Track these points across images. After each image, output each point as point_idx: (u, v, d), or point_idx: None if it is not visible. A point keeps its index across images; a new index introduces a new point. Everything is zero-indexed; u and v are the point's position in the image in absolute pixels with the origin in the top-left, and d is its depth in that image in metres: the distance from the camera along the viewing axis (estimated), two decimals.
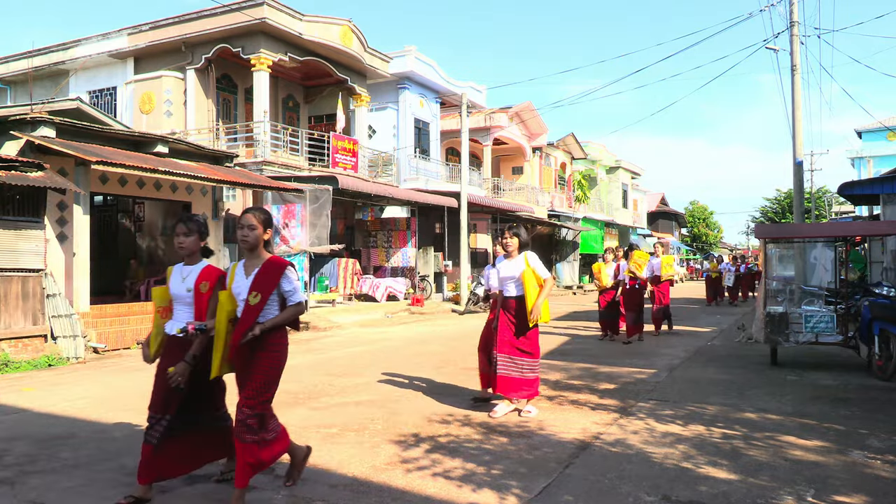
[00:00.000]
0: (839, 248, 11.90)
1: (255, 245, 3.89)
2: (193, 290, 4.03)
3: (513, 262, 6.00)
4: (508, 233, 6.02)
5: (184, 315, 4.07)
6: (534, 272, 5.88)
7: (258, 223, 3.88)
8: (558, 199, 33.29)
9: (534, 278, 5.87)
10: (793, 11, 14.95)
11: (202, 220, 4.24)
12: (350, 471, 4.45)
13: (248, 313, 3.79)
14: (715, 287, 22.21)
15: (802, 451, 4.88)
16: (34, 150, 10.48)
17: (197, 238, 4.10)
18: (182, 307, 4.09)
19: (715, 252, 47.59)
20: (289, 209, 16.02)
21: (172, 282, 4.13)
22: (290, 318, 3.90)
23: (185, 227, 4.08)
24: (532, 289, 5.84)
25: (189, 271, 4.10)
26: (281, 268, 3.86)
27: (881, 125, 29.95)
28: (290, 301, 3.87)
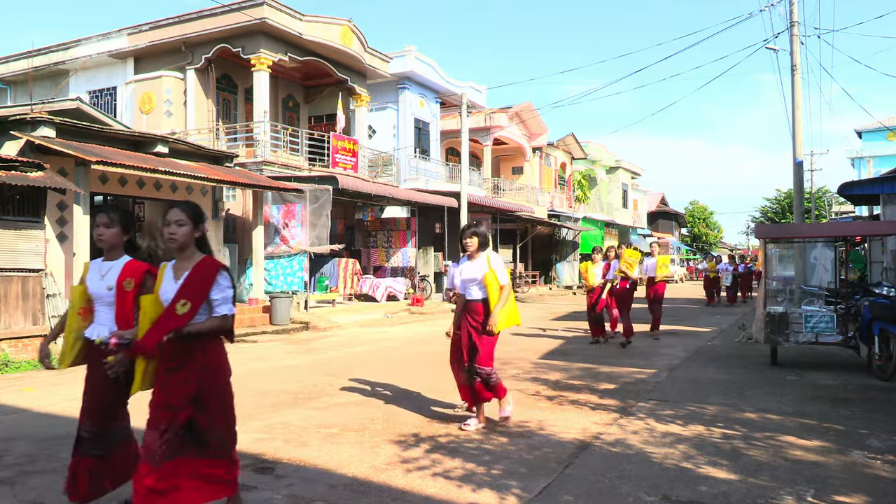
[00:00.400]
0: (839, 248, 11.90)
1: (184, 244, 3.43)
2: (115, 288, 3.61)
3: (474, 262, 5.63)
4: (468, 232, 5.63)
5: (106, 317, 3.66)
6: (494, 275, 5.50)
7: (187, 218, 3.43)
8: (558, 199, 33.29)
9: (496, 281, 5.51)
10: (793, 11, 14.95)
11: (127, 212, 3.83)
12: (350, 471, 4.45)
13: (172, 321, 3.30)
14: (713, 287, 22.20)
15: (802, 451, 4.88)
16: (34, 150, 10.48)
17: (119, 230, 3.69)
18: (103, 308, 3.67)
19: (715, 252, 47.55)
20: (289, 209, 16.03)
21: (90, 279, 3.70)
22: (208, 330, 3.44)
23: (107, 217, 3.67)
24: (496, 292, 5.50)
25: (109, 267, 3.67)
26: (213, 271, 3.42)
27: (881, 125, 29.95)
28: (215, 311, 3.44)
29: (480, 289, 5.57)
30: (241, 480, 4.26)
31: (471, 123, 24.58)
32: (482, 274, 5.52)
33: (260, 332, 13.17)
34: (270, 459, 4.73)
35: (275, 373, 8.56)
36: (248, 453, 4.88)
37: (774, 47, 15.90)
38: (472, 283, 5.61)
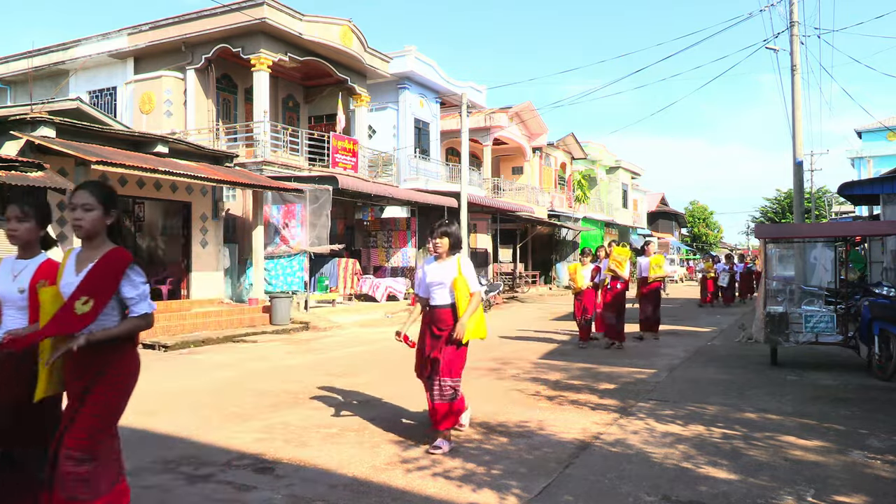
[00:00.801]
0: (839, 248, 11.90)
1: (92, 232, 2.97)
2: (27, 290, 3.18)
3: (443, 265, 5.10)
4: (438, 231, 5.09)
5: (15, 322, 3.22)
6: (465, 281, 5.00)
7: (97, 202, 2.95)
8: (558, 199, 33.29)
9: (465, 287, 4.99)
10: (793, 11, 14.95)
11: (43, 203, 3.35)
12: (350, 471, 4.45)
13: (68, 321, 2.83)
14: (709, 288, 21.63)
15: (802, 451, 4.88)
16: (34, 150, 10.49)
17: (35, 225, 3.25)
18: (13, 312, 3.24)
19: (715, 252, 47.59)
20: (289, 209, 16.02)
21: (0, 280, 3.26)
22: (127, 332, 2.99)
23: (20, 210, 3.21)
24: (464, 299, 4.98)
25: (23, 267, 3.24)
26: (122, 265, 2.94)
27: (881, 125, 29.95)
28: (132, 311, 3.00)
29: (448, 294, 5.05)
30: (241, 480, 4.28)
31: (471, 123, 24.58)
32: (451, 278, 5.02)
33: (260, 332, 13.17)
34: (270, 459, 4.73)
35: (275, 373, 8.56)
36: (248, 453, 4.89)
37: (774, 47, 15.90)
38: (438, 287, 5.08)
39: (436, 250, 5.13)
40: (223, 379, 8.11)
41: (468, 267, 5.09)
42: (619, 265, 10.62)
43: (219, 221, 15.04)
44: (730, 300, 21.70)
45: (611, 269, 10.67)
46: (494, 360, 9.45)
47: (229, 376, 8.30)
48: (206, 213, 14.73)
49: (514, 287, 26.78)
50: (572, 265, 11.06)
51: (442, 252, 5.12)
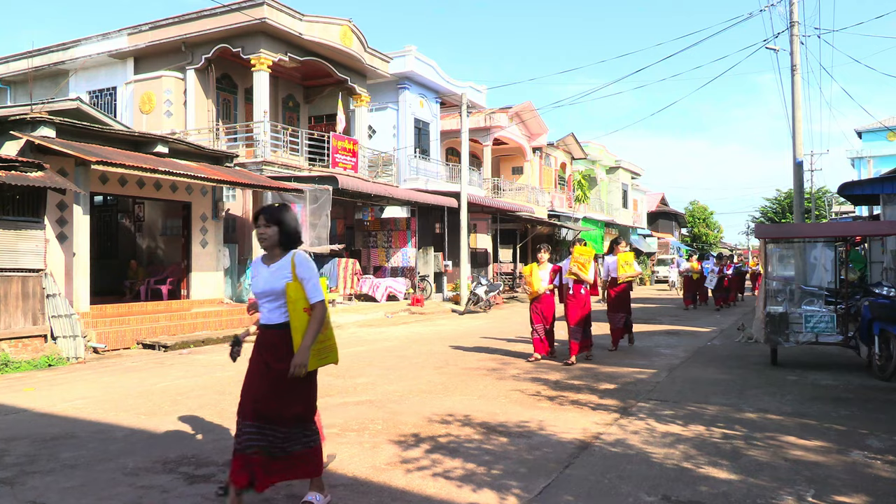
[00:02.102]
0: (839, 248, 11.90)
1: None
2: None
3: (273, 267, 3.71)
4: (262, 217, 3.72)
5: None
6: (300, 289, 3.63)
7: None
8: (558, 199, 33.29)
9: (303, 297, 3.63)
10: (793, 11, 14.95)
11: None
12: (350, 471, 4.45)
13: None
14: (694, 289, 20.01)
15: (802, 451, 4.88)
16: (34, 150, 10.48)
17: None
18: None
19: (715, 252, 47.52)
20: None
21: None
22: None
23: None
24: (301, 316, 3.62)
25: None
26: None
27: (881, 125, 29.95)
28: None
29: (279, 308, 3.70)
30: None
31: (471, 123, 24.58)
32: (282, 284, 3.64)
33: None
34: None
35: None
36: None
37: (774, 47, 15.91)
38: (267, 299, 3.71)
39: (261, 244, 3.75)
40: (223, 379, 8.11)
41: (306, 267, 3.69)
42: (581, 267, 9.09)
43: (219, 221, 15.04)
44: (720, 302, 20.24)
45: (573, 272, 9.10)
46: (495, 361, 9.45)
47: (229, 376, 8.30)
48: (206, 213, 14.73)
49: (513, 287, 26.80)
50: (527, 266, 9.53)
51: (269, 245, 3.72)
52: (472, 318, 17.04)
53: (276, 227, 3.71)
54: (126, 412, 6.28)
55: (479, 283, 19.32)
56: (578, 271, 9.08)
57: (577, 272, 9.07)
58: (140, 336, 11.44)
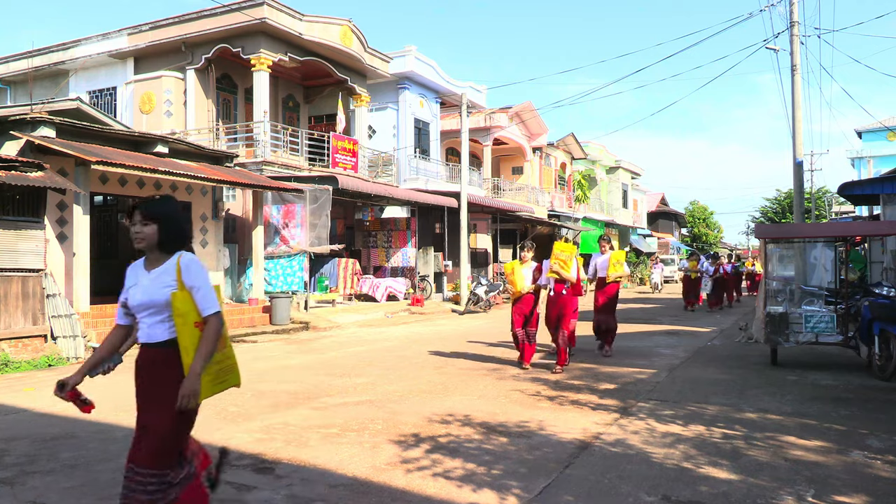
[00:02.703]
0: (839, 248, 11.90)
1: None
2: None
3: (154, 273, 3.06)
4: (140, 211, 3.03)
5: None
6: (189, 300, 2.99)
7: None
8: (558, 199, 33.29)
9: (193, 310, 2.99)
10: (793, 11, 14.96)
11: None
12: (350, 471, 4.45)
13: None
14: (694, 289, 19.23)
15: (803, 451, 4.88)
16: (34, 150, 10.48)
17: None
18: None
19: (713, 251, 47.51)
20: (289, 209, 16.03)
21: None
22: None
23: None
24: (191, 332, 2.99)
25: None
26: None
27: (881, 125, 29.95)
28: None
29: (162, 323, 3.03)
30: (241, 480, 4.28)
31: (471, 123, 24.58)
32: (165, 295, 2.99)
33: (260, 332, 13.17)
34: (270, 459, 4.73)
35: (274, 373, 8.56)
36: (248, 453, 4.88)
37: (774, 47, 15.91)
38: (146, 312, 3.04)
39: (137, 245, 3.07)
40: None
41: (195, 272, 3.04)
42: (563, 265, 8.40)
43: (219, 221, 15.04)
44: (715, 304, 19.68)
45: (554, 270, 8.44)
46: (495, 361, 9.45)
47: None
48: (206, 213, 14.73)
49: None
50: (509, 264, 8.87)
51: (146, 245, 3.05)
52: (473, 318, 17.04)
53: (154, 225, 3.03)
54: (126, 412, 6.27)
55: (479, 283, 19.32)
56: (560, 269, 8.38)
57: (559, 270, 8.39)
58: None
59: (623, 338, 12.37)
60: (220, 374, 3.14)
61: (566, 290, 8.51)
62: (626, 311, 19.11)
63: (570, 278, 8.42)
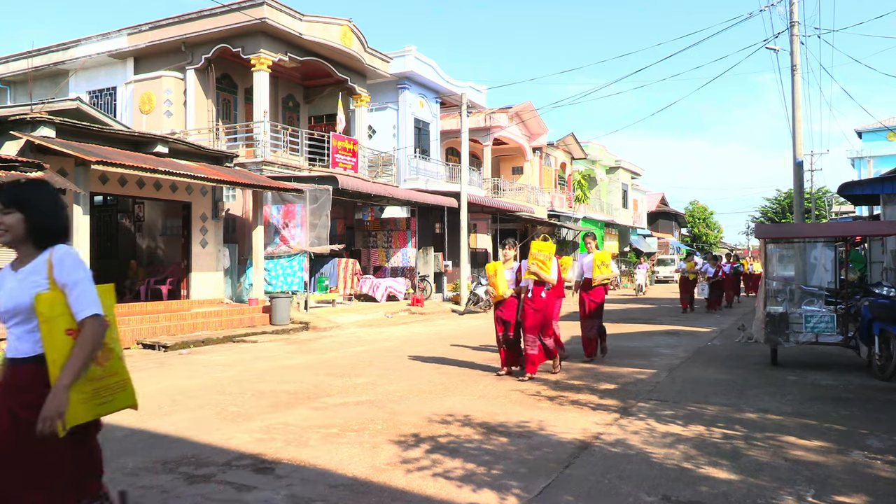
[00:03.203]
0: (839, 248, 11.90)
1: None
2: None
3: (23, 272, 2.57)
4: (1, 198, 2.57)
5: None
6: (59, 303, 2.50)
7: None
8: (558, 199, 33.29)
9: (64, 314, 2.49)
10: (793, 11, 14.96)
11: None
12: (350, 471, 4.44)
13: None
14: (690, 290, 18.70)
15: (803, 451, 4.88)
16: (34, 150, 10.48)
17: None
18: None
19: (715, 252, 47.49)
20: (289, 209, 16.03)
21: None
22: None
23: None
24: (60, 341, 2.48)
25: None
26: None
27: (881, 125, 29.95)
28: None
29: (31, 333, 2.53)
30: (241, 480, 4.28)
31: (471, 123, 24.58)
32: (30, 296, 2.50)
33: (260, 332, 13.16)
34: (270, 459, 4.73)
35: (275, 373, 8.56)
36: (248, 453, 4.88)
37: (774, 47, 15.91)
38: (14, 321, 2.55)
39: (0, 237, 2.60)
40: (223, 379, 8.11)
41: (71, 267, 2.53)
42: (541, 266, 7.80)
43: (219, 221, 15.04)
44: (714, 305, 19.04)
45: (531, 271, 7.79)
46: (494, 361, 9.44)
47: (229, 376, 8.30)
48: (206, 213, 14.73)
49: None
50: (491, 265, 8.21)
51: (14, 243, 2.59)
52: (472, 318, 17.04)
53: (18, 214, 2.51)
54: (126, 412, 6.25)
55: (479, 283, 19.31)
56: (538, 270, 7.77)
57: (537, 271, 7.77)
58: (140, 336, 11.43)
59: (623, 338, 12.39)
60: (103, 392, 2.57)
61: (546, 292, 7.90)
62: (626, 311, 19.12)
63: (549, 279, 7.80)
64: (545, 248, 7.88)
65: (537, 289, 7.85)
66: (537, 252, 7.85)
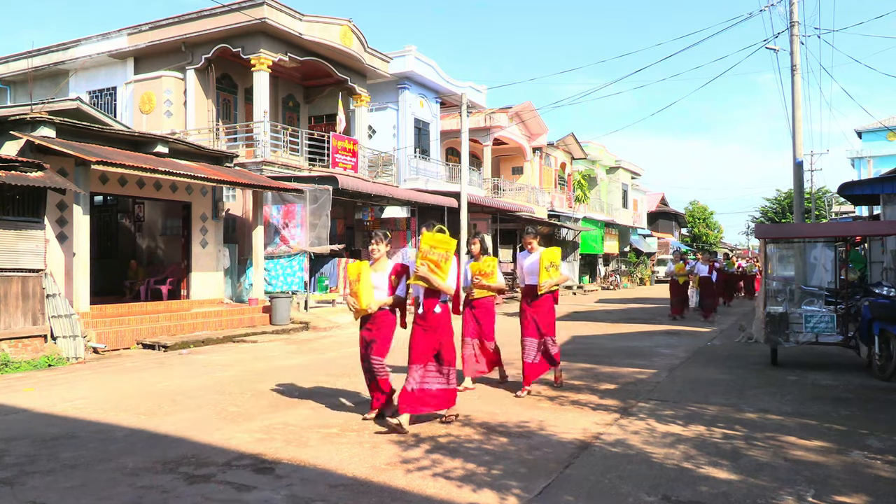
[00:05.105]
0: (839, 248, 11.90)
1: None
2: None
3: None
4: None
5: None
6: None
7: None
8: (558, 199, 33.29)
9: None
10: (793, 11, 14.94)
11: None
12: (350, 471, 4.45)
13: None
14: (682, 295, 16.73)
15: (803, 451, 4.88)
16: (34, 150, 10.48)
17: None
18: None
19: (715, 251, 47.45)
20: (289, 209, 16.02)
21: None
22: None
23: None
24: None
25: None
26: None
27: (881, 125, 29.96)
28: None
29: None
30: (241, 480, 4.28)
31: (471, 123, 24.58)
32: None
33: (260, 332, 13.16)
34: (270, 459, 4.73)
35: (274, 373, 8.56)
36: (247, 453, 4.88)
37: (774, 47, 15.90)
38: None
39: None
40: (223, 379, 8.11)
41: None
42: (434, 268, 5.56)
43: (219, 221, 15.04)
44: (709, 312, 16.53)
45: (420, 275, 5.52)
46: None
47: (229, 376, 8.30)
48: (206, 213, 14.73)
49: (513, 287, 26.77)
50: (354, 265, 5.76)
51: None
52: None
53: None
54: (126, 412, 6.28)
55: None
56: (429, 275, 5.50)
57: (427, 276, 5.50)
58: (140, 336, 11.44)
59: (623, 338, 12.39)
60: None
61: (441, 305, 5.67)
62: (626, 311, 19.12)
63: (444, 288, 5.56)
64: (441, 244, 5.64)
65: (429, 301, 5.63)
66: (429, 249, 5.59)
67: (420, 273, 5.56)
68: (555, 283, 7.09)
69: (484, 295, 7.27)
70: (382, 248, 5.92)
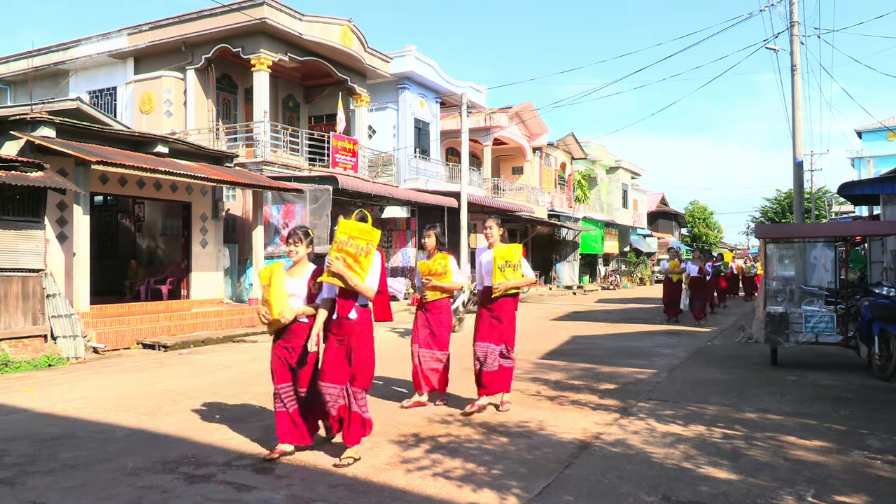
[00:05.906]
0: (839, 248, 11.90)
1: None
2: None
3: None
4: None
5: None
6: None
7: None
8: (558, 199, 33.29)
9: None
10: (793, 11, 14.95)
11: None
12: (350, 471, 4.45)
13: None
14: (676, 294, 16.05)
15: (803, 451, 4.88)
16: (34, 150, 10.48)
17: None
18: None
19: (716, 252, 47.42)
20: (289, 209, 16.03)
21: None
22: None
23: None
24: None
25: None
26: None
27: (881, 125, 29.96)
28: None
29: None
30: (241, 480, 4.28)
31: (471, 123, 24.58)
32: None
33: (260, 332, 13.15)
34: (271, 459, 4.72)
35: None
36: (247, 453, 4.88)
37: (774, 47, 15.90)
38: None
39: None
40: (223, 379, 8.11)
41: None
42: (352, 262, 4.58)
43: (219, 221, 15.04)
44: (700, 314, 15.80)
45: (334, 271, 4.52)
46: None
47: (229, 376, 8.30)
48: (206, 213, 14.73)
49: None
50: (266, 269, 4.82)
51: None
52: (473, 318, 17.02)
53: None
54: (126, 412, 6.28)
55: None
56: (344, 270, 4.52)
57: (343, 272, 4.52)
58: (140, 336, 11.44)
59: (623, 338, 12.39)
60: None
61: (358, 308, 4.67)
62: (626, 311, 19.12)
63: (362, 288, 4.58)
64: (362, 235, 4.63)
65: (344, 303, 4.63)
66: (347, 240, 4.59)
67: (334, 268, 4.49)
68: (512, 286, 6.07)
69: (438, 297, 6.51)
70: (302, 249, 4.85)
